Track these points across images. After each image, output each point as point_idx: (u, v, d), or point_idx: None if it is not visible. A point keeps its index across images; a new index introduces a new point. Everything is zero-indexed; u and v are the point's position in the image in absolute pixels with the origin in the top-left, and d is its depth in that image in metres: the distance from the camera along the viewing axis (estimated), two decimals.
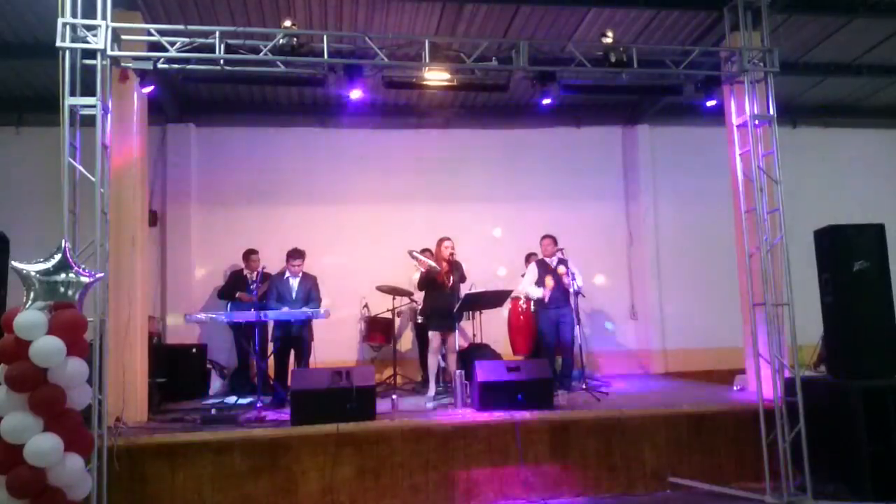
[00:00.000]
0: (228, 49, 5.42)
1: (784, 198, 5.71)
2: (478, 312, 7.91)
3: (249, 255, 8.26)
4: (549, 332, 7.35)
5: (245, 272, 8.22)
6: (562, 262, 7.39)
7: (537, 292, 7.39)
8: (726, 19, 6.21)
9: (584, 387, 7.04)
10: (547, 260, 7.50)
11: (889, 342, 5.25)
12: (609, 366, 9.18)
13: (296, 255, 7.14)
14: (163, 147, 9.10)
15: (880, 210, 7.54)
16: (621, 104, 9.90)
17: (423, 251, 7.58)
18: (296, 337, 6.99)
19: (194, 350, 7.98)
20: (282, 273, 7.24)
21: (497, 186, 9.64)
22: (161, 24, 5.88)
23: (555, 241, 7.51)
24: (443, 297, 6.90)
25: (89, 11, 4.97)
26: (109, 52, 5.02)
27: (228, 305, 8.15)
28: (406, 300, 8.06)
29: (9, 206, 8.01)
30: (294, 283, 7.12)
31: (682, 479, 5.53)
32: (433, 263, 6.95)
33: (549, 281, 7.30)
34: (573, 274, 7.30)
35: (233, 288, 8.19)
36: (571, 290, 7.26)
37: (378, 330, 7.95)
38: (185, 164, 9.18)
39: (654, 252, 9.81)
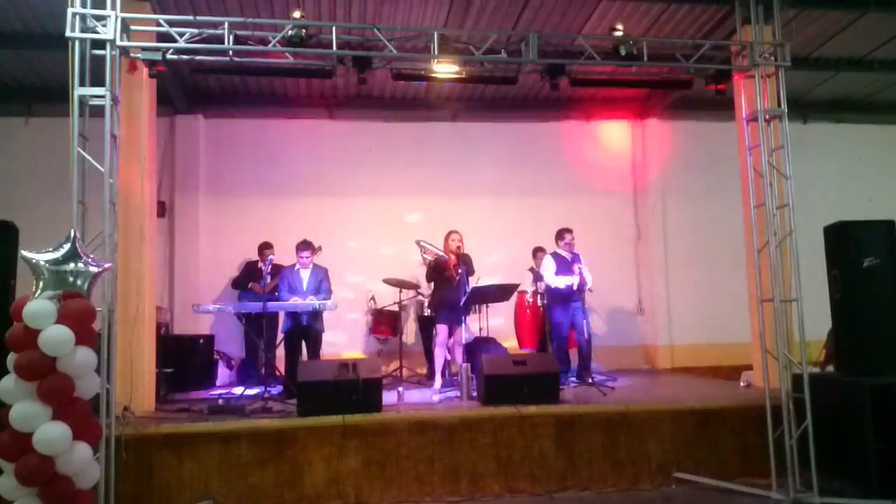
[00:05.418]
0: (237, 40, 5.42)
1: (794, 193, 5.67)
2: (484, 306, 7.90)
3: (263, 248, 8.29)
4: (563, 325, 7.37)
5: (260, 264, 8.25)
6: (576, 257, 7.42)
7: (566, 280, 7.30)
8: (737, 13, 6.17)
9: (590, 381, 7.05)
10: (563, 254, 7.48)
11: None
12: (615, 361, 9.16)
13: (304, 247, 7.14)
14: (171, 138, 9.12)
15: (891, 206, 7.48)
16: (631, 98, 9.84)
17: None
18: (307, 328, 6.99)
19: (202, 341, 8.01)
20: (293, 265, 7.26)
21: (505, 180, 9.61)
22: (170, 14, 5.88)
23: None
24: (451, 289, 6.89)
25: (99, 1, 4.98)
26: (119, 43, 5.03)
27: (239, 295, 8.19)
28: (412, 293, 8.06)
29: (18, 196, 8.06)
30: (305, 274, 7.11)
31: (687, 475, 5.52)
32: (441, 252, 6.97)
33: (577, 268, 7.29)
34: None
35: (247, 279, 8.24)
36: (587, 287, 7.32)
37: (384, 323, 7.96)
38: (194, 155, 9.21)
39: (662, 247, 9.77)
